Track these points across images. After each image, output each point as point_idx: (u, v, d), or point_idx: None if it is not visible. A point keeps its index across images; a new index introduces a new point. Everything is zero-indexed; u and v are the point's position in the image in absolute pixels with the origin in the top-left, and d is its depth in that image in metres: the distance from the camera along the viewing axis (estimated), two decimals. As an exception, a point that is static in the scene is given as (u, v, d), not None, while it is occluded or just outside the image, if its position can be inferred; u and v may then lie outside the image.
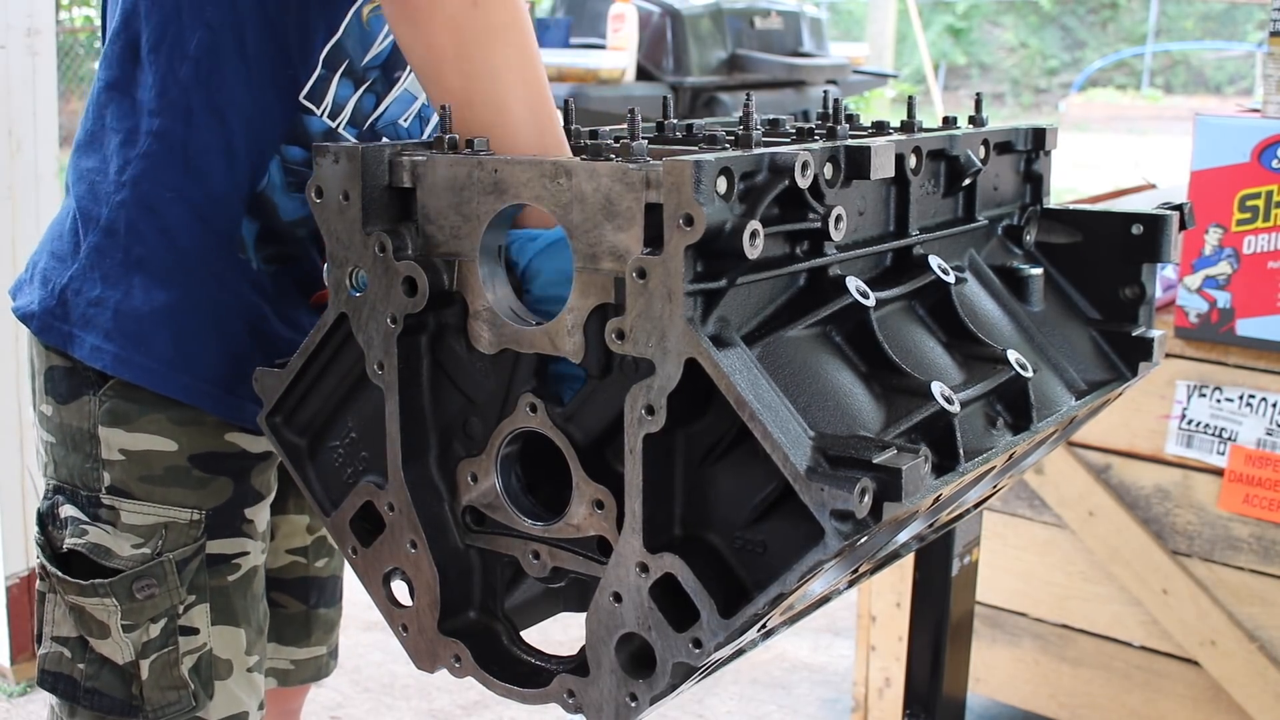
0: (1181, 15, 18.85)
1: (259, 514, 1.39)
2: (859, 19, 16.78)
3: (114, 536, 1.31)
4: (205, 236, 1.29)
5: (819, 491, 0.89)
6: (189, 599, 1.33)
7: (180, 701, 1.34)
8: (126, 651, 1.32)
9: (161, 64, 1.27)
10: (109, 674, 1.33)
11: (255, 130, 1.27)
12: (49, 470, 1.36)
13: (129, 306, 1.28)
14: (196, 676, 1.34)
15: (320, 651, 1.62)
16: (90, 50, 11.58)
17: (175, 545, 1.32)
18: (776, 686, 2.95)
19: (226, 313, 1.30)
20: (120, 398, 1.31)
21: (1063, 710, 2.49)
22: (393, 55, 1.33)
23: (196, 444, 1.33)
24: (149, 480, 1.31)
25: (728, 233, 0.93)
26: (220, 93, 1.26)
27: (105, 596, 1.30)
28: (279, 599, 1.55)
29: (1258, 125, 2.13)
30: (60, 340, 1.31)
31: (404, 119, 1.38)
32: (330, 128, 1.31)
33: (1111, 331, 1.35)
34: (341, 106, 1.31)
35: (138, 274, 1.28)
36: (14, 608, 2.82)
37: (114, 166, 1.29)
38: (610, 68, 7.31)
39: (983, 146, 1.26)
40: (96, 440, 1.32)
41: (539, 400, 1.05)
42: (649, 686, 1.02)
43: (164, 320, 1.28)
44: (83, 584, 1.30)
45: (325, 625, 1.62)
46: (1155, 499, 2.32)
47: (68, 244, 1.32)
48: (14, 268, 2.71)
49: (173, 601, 1.32)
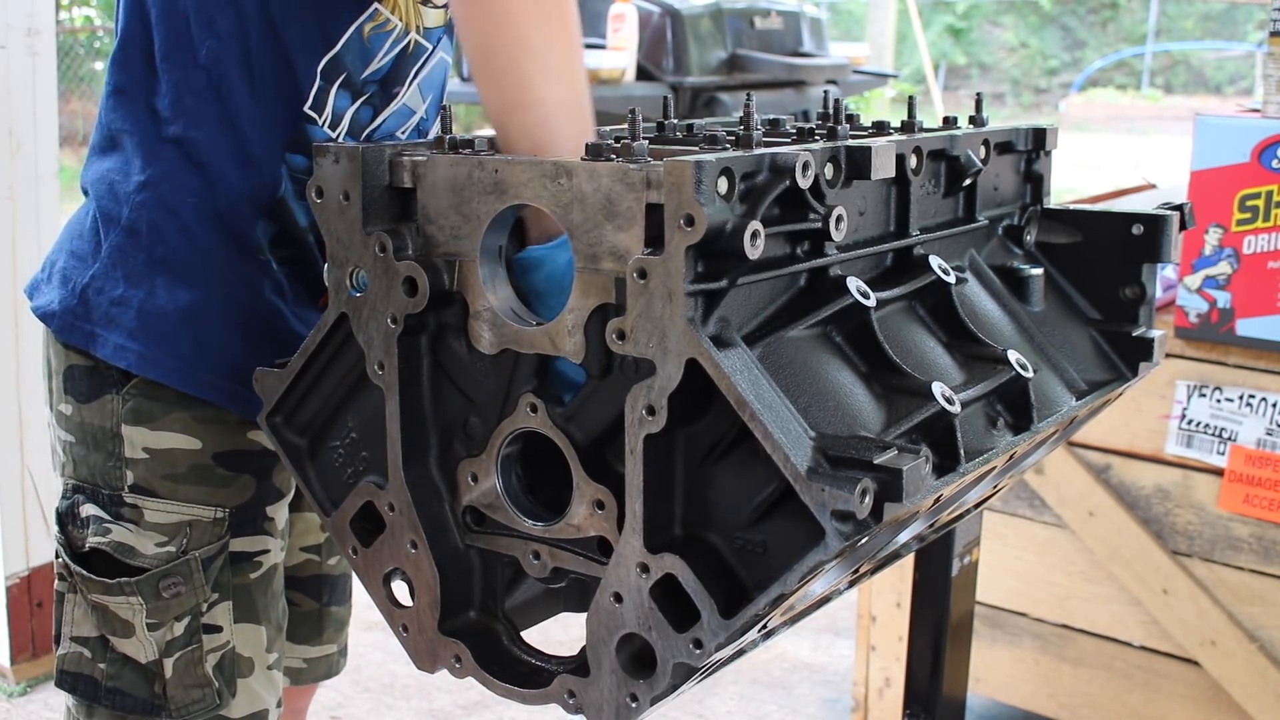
0: (1181, 15, 18.85)
1: (279, 512, 1.40)
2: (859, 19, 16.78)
3: (137, 535, 1.32)
4: (225, 237, 1.30)
5: (820, 492, 0.89)
6: (212, 597, 1.34)
7: (204, 700, 1.34)
8: (150, 650, 1.32)
9: (174, 72, 1.28)
10: (131, 673, 1.33)
11: (265, 137, 1.29)
12: (67, 470, 1.37)
13: (153, 305, 1.29)
14: (220, 674, 1.35)
15: (331, 650, 1.63)
16: (90, 50, 11.57)
17: (200, 543, 1.33)
18: (777, 686, 2.95)
19: (248, 311, 1.31)
20: (143, 396, 1.31)
21: (1063, 710, 2.49)
22: (392, 72, 1.34)
23: (220, 442, 1.34)
24: (172, 478, 1.32)
25: (728, 233, 0.93)
26: (230, 99, 1.28)
27: (131, 595, 1.31)
28: (293, 596, 1.56)
29: (1258, 125, 2.13)
30: (82, 339, 1.32)
31: (401, 131, 1.39)
32: (330, 138, 1.32)
33: (1111, 331, 1.35)
34: (340, 117, 1.32)
35: (161, 273, 1.29)
36: (14, 608, 2.81)
37: (134, 168, 1.31)
38: (610, 68, 7.31)
39: (983, 146, 1.26)
40: (119, 439, 1.32)
41: (539, 400, 1.05)
42: (649, 687, 1.02)
43: (188, 319, 1.29)
44: (108, 583, 1.31)
45: (337, 623, 1.63)
46: (1155, 499, 2.32)
47: (88, 243, 1.33)
48: (14, 267, 2.71)
49: (197, 600, 1.33)
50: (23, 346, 2.74)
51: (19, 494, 2.78)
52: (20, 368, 2.75)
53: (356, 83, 1.32)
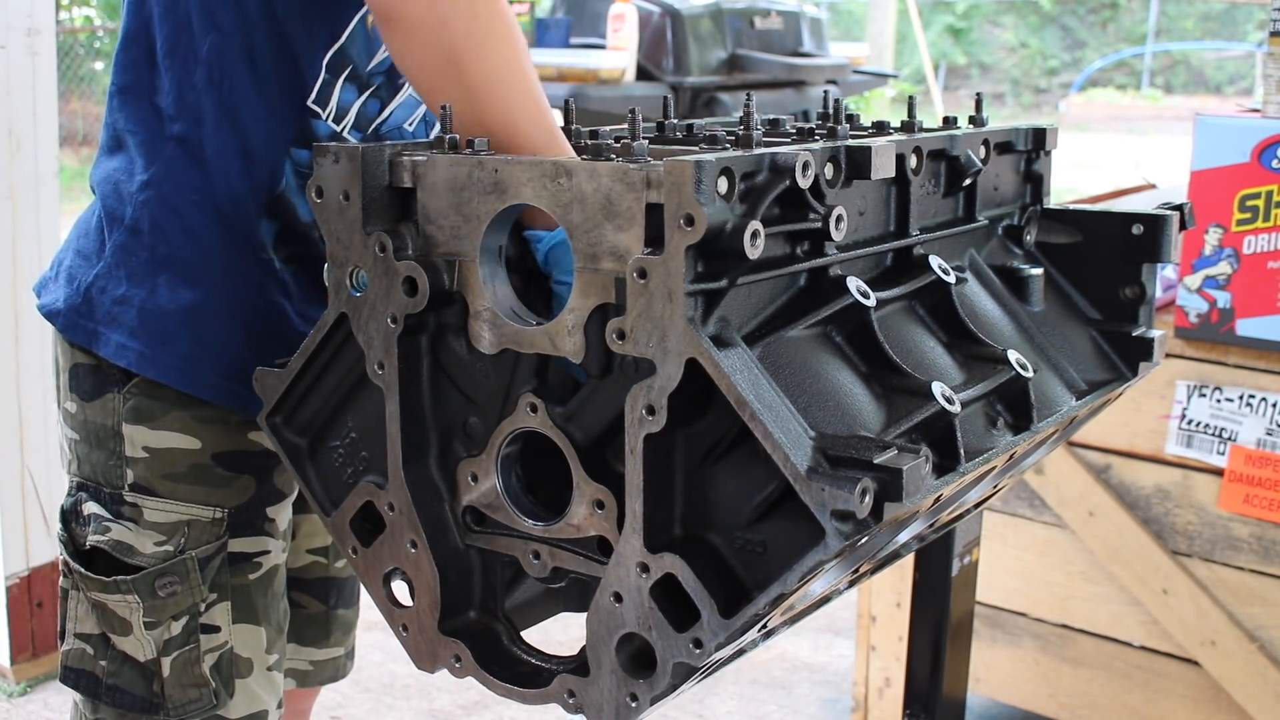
0: (1181, 15, 18.85)
1: (280, 513, 1.40)
2: (859, 19, 16.78)
3: (136, 534, 1.32)
4: (227, 236, 1.30)
5: (820, 491, 0.89)
6: (210, 597, 1.34)
7: (201, 699, 1.35)
8: (148, 649, 1.33)
9: (177, 69, 1.29)
10: (130, 671, 1.34)
11: (268, 133, 1.29)
12: (72, 467, 1.37)
13: (154, 304, 1.30)
14: (217, 674, 1.35)
15: (338, 653, 1.63)
16: (90, 50, 11.57)
17: (197, 543, 1.33)
18: (776, 686, 2.95)
19: (249, 310, 1.32)
20: (144, 395, 1.32)
21: (1063, 710, 2.49)
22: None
23: (220, 442, 1.34)
24: (172, 478, 1.32)
25: (728, 233, 0.93)
26: (233, 95, 1.28)
27: (128, 593, 1.31)
28: (299, 599, 1.56)
29: (1258, 125, 2.13)
30: (85, 338, 1.32)
31: (409, 123, 1.39)
32: (335, 131, 1.32)
33: (1111, 331, 1.35)
34: (345, 111, 1.32)
35: (163, 272, 1.30)
36: (14, 608, 2.81)
37: (138, 167, 1.31)
38: (610, 68, 7.31)
39: (983, 146, 1.26)
40: (120, 437, 1.32)
41: (539, 400, 1.05)
42: (649, 686, 1.02)
43: (189, 318, 1.29)
44: (105, 580, 1.31)
45: (344, 626, 1.62)
46: (1155, 499, 2.32)
47: (93, 242, 1.34)
48: (14, 267, 2.71)
49: (194, 599, 1.33)
50: (23, 347, 2.74)
51: (19, 494, 2.78)
52: (20, 368, 2.74)
53: (363, 75, 1.32)
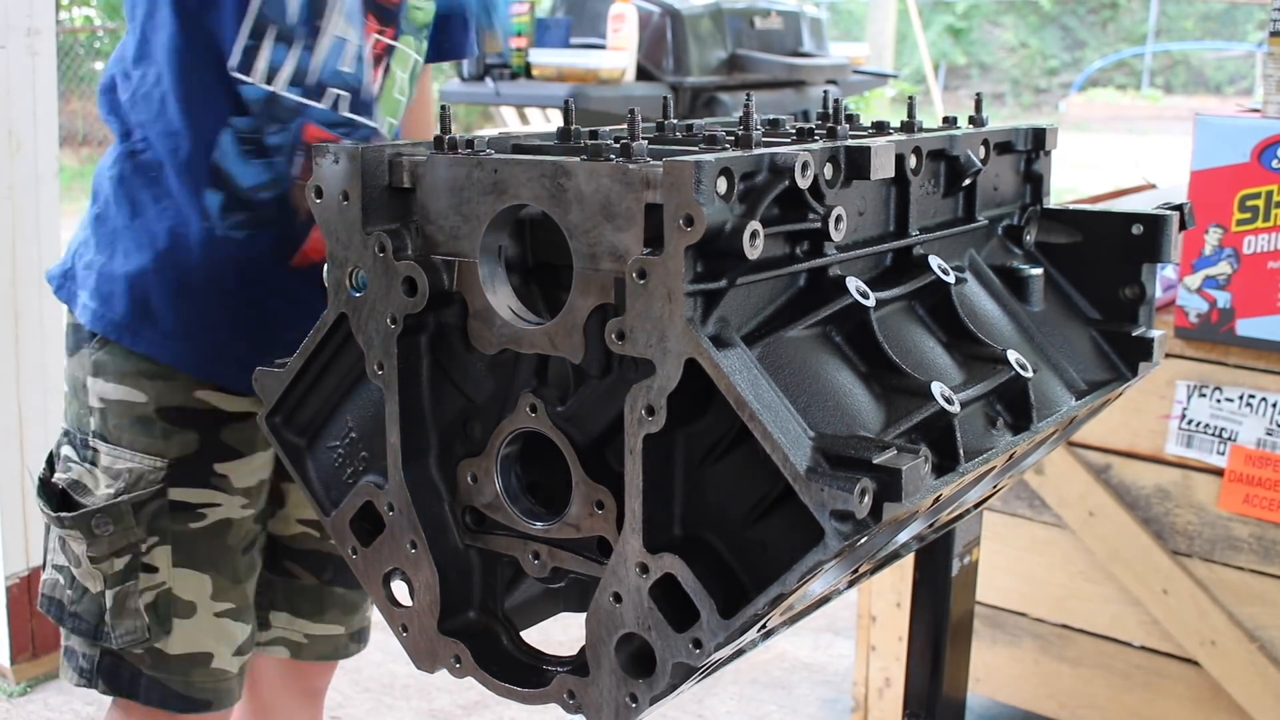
0: (1181, 15, 18.85)
1: (236, 470, 1.49)
2: (859, 19, 16.77)
3: (93, 477, 1.45)
4: (169, 210, 1.43)
5: (819, 492, 0.89)
6: (150, 540, 1.45)
7: (135, 632, 1.45)
8: (97, 582, 1.44)
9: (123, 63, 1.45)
10: (88, 601, 1.47)
11: (193, 111, 1.40)
12: (65, 417, 1.53)
13: (108, 270, 1.46)
14: (154, 612, 1.46)
15: (338, 631, 1.67)
16: (90, 50, 11.57)
17: (134, 489, 1.44)
18: (776, 686, 2.95)
19: (192, 276, 1.43)
20: (103, 351, 1.46)
21: (1063, 710, 2.49)
22: (311, 4, 1.41)
23: (165, 398, 1.45)
24: (120, 428, 1.45)
25: (728, 233, 0.93)
26: (159, 84, 1.42)
27: (69, 529, 1.44)
28: (291, 568, 1.65)
29: (1258, 125, 2.13)
30: (67, 299, 1.50)
31: (343, 64, 1.45)
32: (270, 92, 1.40)
33: (1111, 331, 1.35)
34: (278, 69, 1.40)
35: (120, 241, 1.46)
36: (14, 608, 2.81)
37: (109, 152, 1.49)
38: (610, 68, 7.30)
39: (983, 146, 1.26)
40: (86, 389, 1.46)
41: (539, 400, 1.05)
42: (649, 687, 1.02)
43: (133, 283, 1.44)
44: (54, 515, 1.45)
45: (344, 605, 1.67)
46: (1155, 499, 2.32)
47: (87, 216, 1.51)
48: (13, 268, 2.71)
49: (131, 540, 1.44)
50: (23, 347, 2.74)
51: (19, 494, 2.78)
52: (20, 368, 2.74)
53: (287, 30, 1.39)
